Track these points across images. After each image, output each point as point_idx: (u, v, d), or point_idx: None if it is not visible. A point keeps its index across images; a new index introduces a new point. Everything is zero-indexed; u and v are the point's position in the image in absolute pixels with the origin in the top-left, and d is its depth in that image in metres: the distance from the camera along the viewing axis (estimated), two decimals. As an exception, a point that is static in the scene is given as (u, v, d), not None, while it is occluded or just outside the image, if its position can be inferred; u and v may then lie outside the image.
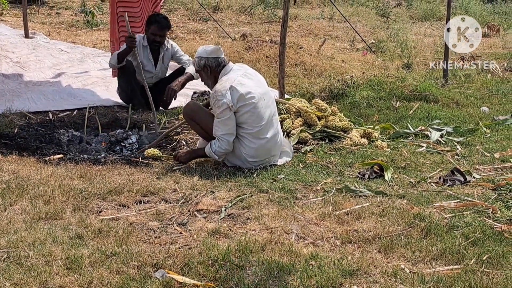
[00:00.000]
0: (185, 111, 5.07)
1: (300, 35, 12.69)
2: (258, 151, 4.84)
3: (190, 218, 3.85)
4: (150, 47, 6.55)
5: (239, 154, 4.84)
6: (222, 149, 4.74)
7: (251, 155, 4.84)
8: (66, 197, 4.01)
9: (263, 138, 4.84)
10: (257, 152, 4.85)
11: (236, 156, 4.86)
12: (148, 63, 6.57)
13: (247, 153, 4.83)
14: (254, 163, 4.86)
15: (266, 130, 4.86)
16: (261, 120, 4.82)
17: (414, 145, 5.62)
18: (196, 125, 5.01)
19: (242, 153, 4.83)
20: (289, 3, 6.76)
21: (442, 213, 3.91)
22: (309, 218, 3.83)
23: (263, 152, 4.87)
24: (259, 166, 4.86)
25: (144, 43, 6.55)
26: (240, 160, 4.86)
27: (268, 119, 4.89)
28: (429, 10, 15.83)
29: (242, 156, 4.84)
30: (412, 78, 8.15)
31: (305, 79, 8.46)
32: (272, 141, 4.91)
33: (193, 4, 14.91)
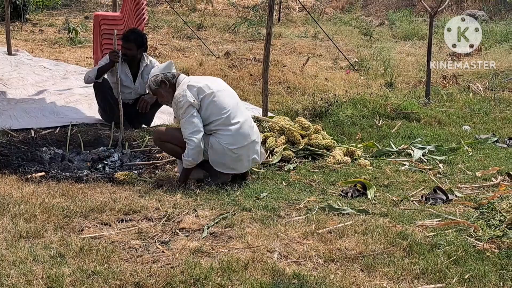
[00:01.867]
0: (154, 137, 5.14)
1: (284, 53, 12.75)
2: (235, 136, 4.83)
3: (172, 237, 3.83)
4: (127, 62, 6.54)
5: (221, 149, 4.82)
6: (191, 147, 4.71)
7: (231, 143, 4.82)
8: (47, 215, 3.98)
9: (235, 123, 4.85)
10: (235, 138, 4.84)
11: (219, 153, 4.84)
12: (127, 78, 6.55)
13: (226, 142, 4.81)
14: (238, 150, 4.83)
15: (234, 115, 4.88)
16: (225, 107, 4.86)
17: (397, 164, 5.65)
18: (169, 144, 4.98)
19: (222, 146, 4.81)
20: (273, 22, 6.80)
21: (424, 232, 3.93)
22: (292, 237, 3.82)
23: (241, 136, 4.87)
24: (245, 155, 4.86)
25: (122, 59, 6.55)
26: (224, 155, 4.83)
27: (233, 106, 4.93)
28: (412, 29, 15.98)
29: (224, 149, 4.82)
30: (395, 97, 8.21)
31: (289, 97, 8.49)
32: (245, 124, 4.93)
33: (177, 22, 14.94)
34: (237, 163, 4.89)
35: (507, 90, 9.36)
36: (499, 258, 3.53)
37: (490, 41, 14.13)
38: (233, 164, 4.88)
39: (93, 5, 19.95)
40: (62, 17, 15.69)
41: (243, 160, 4.91)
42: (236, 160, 4.86)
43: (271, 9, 6.67)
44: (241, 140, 4.86)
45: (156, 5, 18.95)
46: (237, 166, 4.91)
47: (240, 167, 4.93)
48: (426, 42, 9.56)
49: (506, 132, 6.99)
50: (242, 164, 4.93)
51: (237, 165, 4.90)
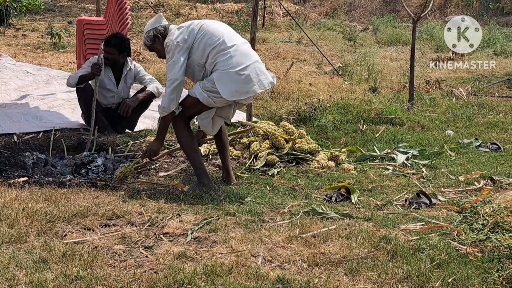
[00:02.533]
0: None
1: (268, 58, 12.77)
2: (237, 58, 4.69)
3: (156, 242, 3.81)
4: (110, 66, 6.53)
5: (226, 77, 4.67)
6: (165, 93, 4.72)
7: (234, 65, 4.67)
8: (30, 220, 3.95)
9: (232, 45, 4.73)
10: (237, 59, 4.69)
11: (227, 82, 4.67)
12: (109, 82, 6.53)
13: (229, 67, 4.67)
14: (244, 70, 4.68)
15: (229, 40, 4.76)
16: (218, 34, 4.75)
17: (381, 168, 5.67)
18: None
19: (226, 72, 4.67)
20: (257, 27, 6.81)
21: (408, 236, 3.94)
22: (276, 241, 3.82)
23: (243, 56, 4.73)
24: (254, 74, 4.72)
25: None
26: (232, 82, 4.67)
27: (227, 32, 4.82)
28: (395, 34, 16.08)
29: (229, 75, 4.66)
30: (379, 102, 8.25)
31: (273, 102, 8.50)
32: (244, 46, 4.82)
33: (161, 27, 14.90)
34: (248, 84, 4.70)
35: (489, 95, 9.44)
36: (482, 261, 3.55)
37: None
38: (245, 87, 4.70)
39: (77, 10, 19.86)
40: (45, 22, 15.62)
41: (253, 81, 4.71)
42: (246, 81, 4.69)
43: (255, 14, 6.69)
44: (244, 59, 4.72)
45: (140, 10, 18.90)
46: (249, 88, 4.72)
47: (252, 88, 4.73)
48: (409, 47, 9.62)
49: (488, 137, 7.05)
50: (253, 85, 4.72)
51: (249, 87, 4.72)
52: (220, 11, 19.79)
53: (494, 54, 13.53)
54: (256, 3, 6.68)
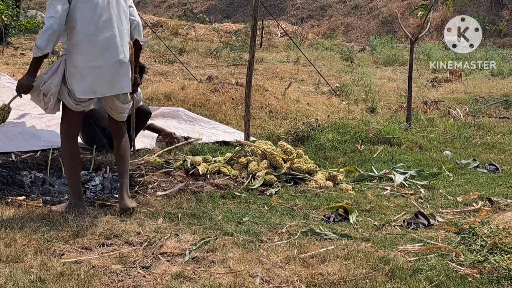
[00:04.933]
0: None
1: (266, 78, 12.82)
2: (95, 52, 4.45)
3: (154, 261, 3.79)
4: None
5: (77, 70, 4.44)
6: (43, 30, 4.31)
7: (90, 59, 4.44)
8: (27, 239, 3.93)
9: (97, 34, 4.44)
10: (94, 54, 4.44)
11: (77, 74, 4.44)
12: None
13: (84, 58, 4.43)
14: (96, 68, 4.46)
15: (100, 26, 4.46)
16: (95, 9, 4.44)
17: (379, 188, 5.67)
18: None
19: (80, 64, 4.44)
20: (255, 47, 6.84)
21: (406, 257, 3.93)
22: (274, 261, 3.81)
23: (102, 52, 4.46)
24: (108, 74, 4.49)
25: None
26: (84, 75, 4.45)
27: (106, 15, 4.47)
28: (393, 55, 16.19)
29: (80, 68, 4.45)
30: (376, 122, 8.27)
31: (271, 122, 8.52)
32: (112, 40, 4.49)
33: (159, 46, 14.97)
34: (97, 85, 4.47)
35: (487, 116, 9.47)
36: (480, 283, 3.55)
37: (470, 67, 14.33)
38: (93, 86, 4.47)
39: (76, 29, 19.92)
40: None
41: (106, 81, 4.49)
42: (96, 81, 4.45)
43: (253, 34, 6.72)
44: (99, 56, 4.46)
45: (138, 30, 18.95)
46: (98, 88, 4.49)
47: (101, 89, 4.50)
48: (406, 67, 9.68)
49: (486, 158, 7.06)
50: (103, 86, 4.49)
51: (98, 87, 4.49)
52: (219, 31, 19.89)
53: (492, 75, 13.60)
54: (255, 23, 6.72)
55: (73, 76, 4.46)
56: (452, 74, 13.38)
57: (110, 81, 4.52)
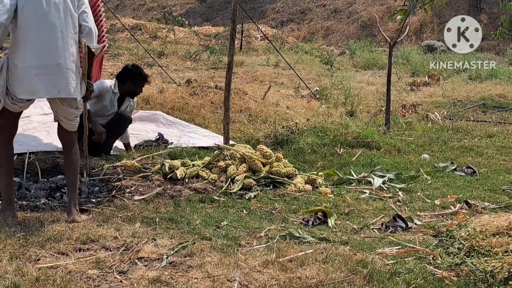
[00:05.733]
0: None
1: (246, 81, 12.82)
2: (34, 51, 4.35)
3: (130, 266, 3.76)
4: (120, 95, 6.61)
5: (17, 69, 4.34)
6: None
7: (27, 58, 4.35)
8: (3, 244, 3.87)
9: (38, 34, 4.36)
10: (31, 54, 4.35)
11: (15, 73, 4.35)
12: (112, 107, 6.61)
13: (22, 57, 4.35)
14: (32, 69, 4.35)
15: (44, 25, 4.37)
16: (39, 8, 4.37)
17: (357, 192, 5.68)
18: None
19: (20, 64, 4.34)
20: (235, 50, 6.83)
21: (384, 260, 3.94)
22: (252, 266, 3.79)
23: (41, 53, 4.37)
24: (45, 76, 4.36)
25: (115, 90, 6.61)
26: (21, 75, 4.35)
27: (51, 14, 4.39)
28: (372, 59, 16.29)
29: (18, 68, 4.34)
30: (355, 125, 8.30)
31: (250, 125, 8.52)
32: (52, 43, 4.37)
33: (138, 50, 14.91)
34: (34, 85, 4.36)
35: (464, 119, 9.56)
36: (457, 286, 3.56)
37: (448, 71, 14.45)
38: (31, 86, 4.36)
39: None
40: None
41: (44, 83, 4.38)
42: (34, 81, 4.35)
43: (232, 38, 6.71)
44: (38, 57, 4.36)
45: (117, 33, 18.89)
46: (35, 89, 4.38)
47: (38, 90, 4.40)
48: (386, 71, 9.71)
49: (464, 161, 7.11)
50: (40, 88, 4.39)
51: (35, 88, 4.38)
52: (198, 34, 19.86)
53: (469, 78, 13.72)
54: (234, 26, 6.70)
55: (13, 75, 4.36)
56: (430, 78, 13.49)
57: (47, 84, 4.39)
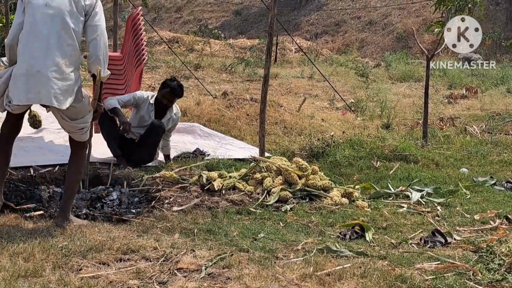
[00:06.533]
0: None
1: (280, 93, 12.86)
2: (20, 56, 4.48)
3: (170, 277, 3.80)
4: (155, 105, 6.70)
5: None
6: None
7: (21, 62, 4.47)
8: (46, 254, 3.95)
9: (28, 40, 4.45)
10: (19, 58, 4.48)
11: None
12: (149, 119, 6.69)
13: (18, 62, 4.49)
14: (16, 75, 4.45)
15: (35, 31, 4.47)
16: (35, 14, 4.47)
17: (395, 206, 5.65)
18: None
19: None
20: (271, 62, 6.87)
21: (423, 275, 3.91)
22: (289, 279, 3.80)
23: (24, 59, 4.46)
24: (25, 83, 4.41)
25: (151, 101, 6.73)
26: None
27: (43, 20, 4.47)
28: (408, 71, 16.17)
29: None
30: (392, 138, 8.26)
31: (285, 138, 8.54)
32: (37, 52, 4.42)
33: (175, 62, 15.08)
34: (19, 91, 4.42)
35: (503, 133, 9.43)
36: (498, 302, 3.52)
37: (486, 84, 14.30)
38: (18, 92, 4.44)
39: (92, 44, 20.08)
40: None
41: (25, 89, 4.40)
42: (19, 88, 4.41)
43: (269, 50, 6.75)
44: (25, 64, 4.42)
45: (155, 45, 19.13)
46: (21, 94, 4.43)
47: (22, 96, 4.43)
48: (422, 84, 9.67)
49: (503, 175, 7.02)
50: (22, 94, 4.42)
51: (20, 93, 4.43)
52: (234, 46, 19.99)
53: (508, 91, 13.55)
54: (270, 39, 6.75)
55: (11, 82, 4.50)
56: (468, 91, 13.36)
57: (29, 91, 4.43)
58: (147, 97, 6.76)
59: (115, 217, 4.92)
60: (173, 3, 33.01)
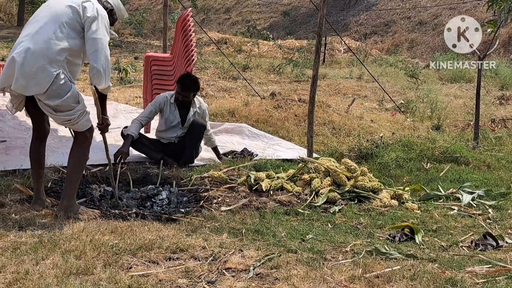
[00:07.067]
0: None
1: (329, 94, 12.81)
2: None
3: (218, 277, 3.83)
4: (176, 104, 6.73)
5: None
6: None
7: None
8: (97, 252, 4.03)
9: (24, 36, 4.68)
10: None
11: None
12: (175, 119, 6.76)
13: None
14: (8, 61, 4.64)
15: (29, 29, 4.70)
16: (35, 16, 4.81)
17: (445, 208, 5.57)
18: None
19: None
20: (319, 63, 6.85)
21: (474, 278, 3.85)
22: (338, 280, 3.79)
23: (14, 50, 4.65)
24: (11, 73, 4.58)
25: (171, 101, 6.77)
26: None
27: (42, 21, 4.70)
28: (459, 72, 15.89)
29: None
30: (443, 140, 8.13)
31: (334, 139, 8.50)
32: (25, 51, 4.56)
33: (223, 63, 15.17)
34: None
35: (558, 134, 9.19)
36: (553, 308, 3.44)
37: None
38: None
39: (143, 46, 20.43)
40: (113, 57, 16.06)
41: (5, 74, 4.63)
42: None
43: (317, 51, 6.73)
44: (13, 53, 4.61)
45: (203, 46, 19.29)
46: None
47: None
48: (473, 84, 9.50)
49: (558, 178, 6.84)
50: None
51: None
52: (282, 47, 20.00)
53: (562, 92, 13.21)
54: (319, 40, 6.73)
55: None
56: (521, 92, 13.06)
57: (5, 74, 4.61)
58: (167, 97, 6.83)
59: (164, 216, 4.98)
60: (221, 4, 33.23)
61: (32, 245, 4.09)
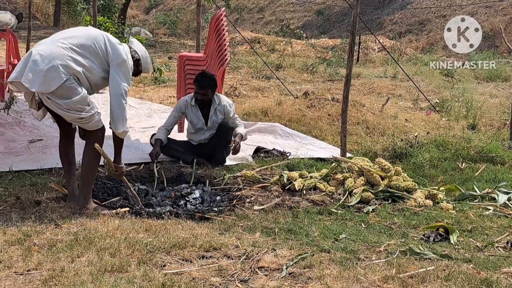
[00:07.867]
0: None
1: (363, 93, 12.73)
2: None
3: (251, 275, 3.84)
4: (198, 106, 6.81)
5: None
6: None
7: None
8: (131, 250, 4.07)
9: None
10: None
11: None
12: (199, 121, 6.80)
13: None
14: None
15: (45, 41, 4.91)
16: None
17: (481, 208, 5.50)
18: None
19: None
20: (353, 62, 6.82)
21: (509, 279, 3.80)
22: (372, 280, 3.77)
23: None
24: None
25: (192, 103, 6.83)
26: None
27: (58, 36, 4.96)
28: (495, 70, 15.67)
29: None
30: (478, 139, 8.03)
31: (368, 138, 8.45)
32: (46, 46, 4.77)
33: (256, 63, 15.19)
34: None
35: None
36: None
37: None
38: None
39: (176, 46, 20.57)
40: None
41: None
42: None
43: (351, 50, 6.70)
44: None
45: (237, 46, 19.33)
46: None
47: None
48: (509, 83, 9.35)
49: None
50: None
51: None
52: (316, 46, 19.94)
53: None
54: (353, 38, 6.70)
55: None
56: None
57: (20, 67, 4.67)
58: (188, 100, 6.86)
59: (197, 215, 5.01)
60: (255, 4, 33.29)
61: (68, 242, 4.16)
